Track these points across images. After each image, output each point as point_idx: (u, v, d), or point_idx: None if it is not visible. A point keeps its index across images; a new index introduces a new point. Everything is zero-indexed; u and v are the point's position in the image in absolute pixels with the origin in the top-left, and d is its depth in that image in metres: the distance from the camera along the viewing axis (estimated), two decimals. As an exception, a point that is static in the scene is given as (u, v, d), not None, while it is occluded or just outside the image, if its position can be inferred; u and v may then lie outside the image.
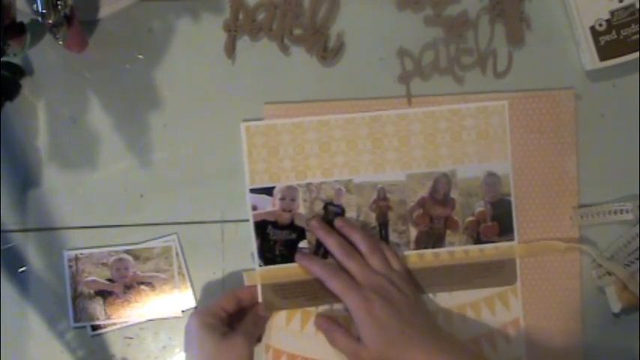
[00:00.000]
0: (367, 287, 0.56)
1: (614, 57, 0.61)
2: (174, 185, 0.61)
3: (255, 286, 0.60)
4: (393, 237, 0.61)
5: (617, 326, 0.63)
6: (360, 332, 0.55)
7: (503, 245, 0.62)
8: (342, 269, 0.58)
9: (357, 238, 0.59)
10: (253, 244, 0.60)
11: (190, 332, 0.56)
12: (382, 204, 0.61)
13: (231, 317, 0.58)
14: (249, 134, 0.60)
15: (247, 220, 0.61)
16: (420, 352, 0.54)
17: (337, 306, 0.60)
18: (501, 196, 0.62)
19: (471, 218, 0.62)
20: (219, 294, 0.61)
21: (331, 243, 0.59)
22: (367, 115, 0.61)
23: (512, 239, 0.62)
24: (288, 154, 0.61)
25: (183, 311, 0.61)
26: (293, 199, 0.61)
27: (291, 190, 0.61)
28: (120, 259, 0.61)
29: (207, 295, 0.61)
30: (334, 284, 0.57)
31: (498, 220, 0.62)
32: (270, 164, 0.60)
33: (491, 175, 0.62)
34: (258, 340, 0.60)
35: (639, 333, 0.63)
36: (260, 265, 0.60)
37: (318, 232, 0.60)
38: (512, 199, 0.62)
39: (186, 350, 0.58)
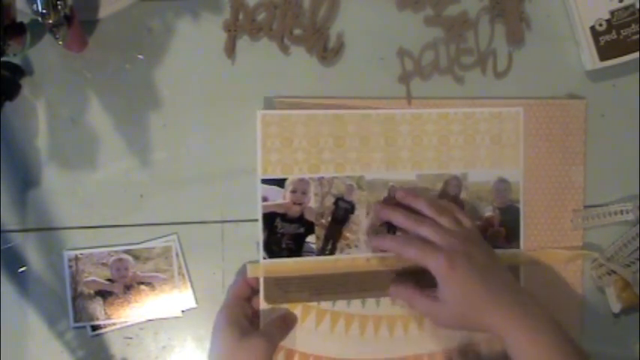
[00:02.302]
0: (446, 247, 0.54)
1: (614, 57, 0.61)
2: (174, 185, 0.61)
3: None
4: (399, 236, 0.61)
5: (617, 326, 0.63)
6: (441, 292, 0.53)
7: (508, 252, 0.62)
8: (413, 238, 0.56)
9: (422, 204, 0.58)
10: (260, 236, 0.60)
11: (217, 327, 0.57)
12: (392, 202, 0.61)
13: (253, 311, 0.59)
14: (264, 123, 0.60)
15: (247, 220, 0.61)
16: (501, 314, 0.52)
17: (340, 303, 0.60)
18: (510, 203, 0.62)
19: (478, 222, 0.62)
20: (219, 294, 0.61)
21: (398, 217, 0.57)
22: (382, 112, 0.61)
23: (517, 246, 0.62)
24: (302, 146, 0.60)
25: (183, 311, 0.61)
26: (304, 193, 0.60)
27: (303, 182, 0.60)
28: (120, 259, 0.61)
29: (208, 295, 0.61)
30: (410, 251, 0.55)
31: (506, 226, 0.62)
32: (283, 155, 0.60)
33: (502, 180, 0.62)
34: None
35: (639, 333, 0.63)
36: (264, 258, 0.60)
37: (381, 212, 0.59)
38: (521, 206, 0.62)
39: (211, 344, 0.59)
